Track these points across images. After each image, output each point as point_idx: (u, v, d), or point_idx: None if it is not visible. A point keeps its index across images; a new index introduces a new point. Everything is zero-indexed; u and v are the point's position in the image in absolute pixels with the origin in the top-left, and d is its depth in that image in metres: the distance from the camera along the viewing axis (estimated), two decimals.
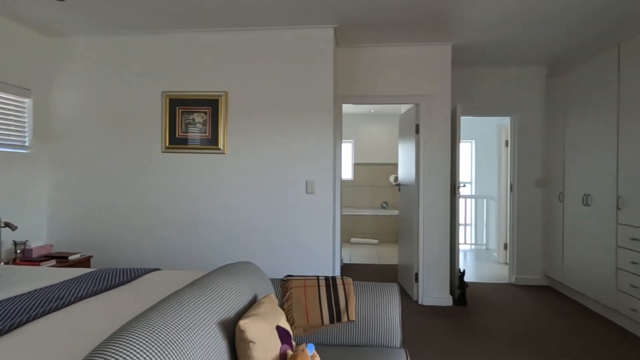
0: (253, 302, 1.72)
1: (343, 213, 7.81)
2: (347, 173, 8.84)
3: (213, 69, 3.69)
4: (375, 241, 7.77)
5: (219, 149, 3.63)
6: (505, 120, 5.90)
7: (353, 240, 7.80)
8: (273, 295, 1.69)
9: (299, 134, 3.62)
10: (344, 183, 8.60)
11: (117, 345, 0.99)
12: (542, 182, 4.87)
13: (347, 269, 5.58)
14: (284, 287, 2.15)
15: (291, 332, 1.60)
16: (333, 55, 3.62)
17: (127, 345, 1.00)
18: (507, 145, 5.96)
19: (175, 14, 3.35)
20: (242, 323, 1.33)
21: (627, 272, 3.35)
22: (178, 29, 3.66)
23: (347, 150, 8.87)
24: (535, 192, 4.91)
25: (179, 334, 1.13)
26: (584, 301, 4.11)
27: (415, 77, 4.13)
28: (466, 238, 7.58)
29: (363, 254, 6.79)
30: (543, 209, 4.86)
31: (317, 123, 3.60)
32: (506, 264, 5.96)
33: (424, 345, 3.12)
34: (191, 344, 1.14)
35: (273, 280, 2.22)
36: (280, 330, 1.51)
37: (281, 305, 2.10)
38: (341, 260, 5.84)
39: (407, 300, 4.26)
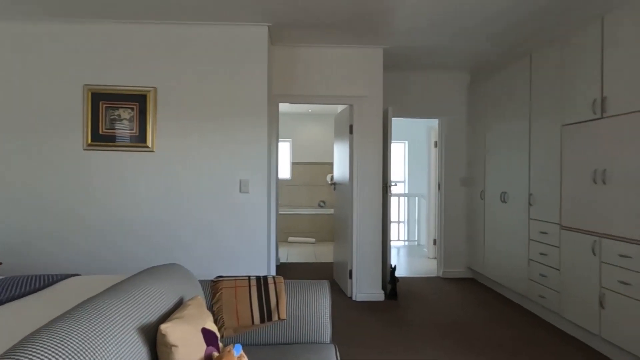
0: (179, 305, 1.67)
1: (281, 212, 7.80)
2: (285, 172, 8.83)
3: (141, 63, 3.51)
4: (313, 240, 7.85)
5: (148, 147, 3.47)
6: (435, 123, 6.21)
7: (291, 239, 7.81)
8: (200, 297, 1.65)
9: (233, 132, 3.56)
10: (281, 182, 8.59)
11: (18, 355, 0.92)
12: (467, 181, 5.20)
13: (284, 268, 5.58)
14: (214, 288, 2.11)
15: (218, 334, 1.58)
16: (267, 53, 3.61)
17: (31, 355, 0.93)
18: (436, 146, 6.28)
19: (99, 2, 3.15)
20: (164, 327, 1.29)
21: (537, 262, 3.67)
22: (102, 18, 3.45)
23: (285, 149, 8.87)
24: (460, 191, 5.23)
25: (91, 342, 1.06)
26: (502, 291, 4.45)
27: (349, 78, 4.22)
28: (400, 235, 7.89)
29: (300, 252, 6.84)
30: (467, 206, 5.19)
31: (251, 121, 3.56)
32: (435, 258, 6.28)
33: (356, 339, 3.21)
34: (105, 351, 1.09)
35: (204, 282, 2.17)
36: (206, 332, 1.48)
37: (211, 307, 2.05)
38: (278, 260, 5.83)
39: (342, 296, 4.36)
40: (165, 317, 1.51)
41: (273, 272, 4.01)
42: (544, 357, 2.91)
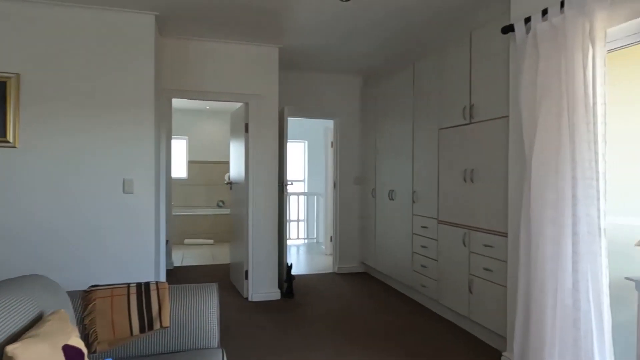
0: (38, 321, 1.48)
1: (177, 213, 7.40)
2: (180, 171, 8.41)
3: (0, 46, 3.05)
4: (211, 241, 7.60)
5: (9, 142, 3.02)
6: (331, 123, 6.41)
7: (187, 241, 7.47)
8: (63, 311, 1.48)
9: (115, 127, 3.26)
10: (177, 182, 8.16)
11: None
12: (360, 179, 5.46)
13: (178, 272, 5.31)
14: (85, 299, 1.92)
15: (84, 350, 1.43)
16: (154, 44, 3.38)
17: None
18: (332, 146, 6.49)
19: None
20: (11, 348, 1.13)
21: (419, 254, 4.00)
22: None
23: (180, 147, 8.44)
24: (354, 189, 5.47)
25: None
26: (391, 283, 4.76)
27: (245, 76, 4.16)
28: (299, 233, 8.01)
29: (197, 254, 6.57)
30: (360, 204, 5.45)
31: (136, 116, 3.31)
32: (332, 255, 6.49)
33: (248, 341, 3.17)
34: None
35: (75, 293, 1.96)
36: (68, 349, 1.33)
37: (81, 320, 1.86)
38: (171, 264, 5.53)
39: (238, 298, 4.28)
40: (18, 337, 1.33)
41: (162, 277, 3.78)
42: (423, 341, 3.18)
